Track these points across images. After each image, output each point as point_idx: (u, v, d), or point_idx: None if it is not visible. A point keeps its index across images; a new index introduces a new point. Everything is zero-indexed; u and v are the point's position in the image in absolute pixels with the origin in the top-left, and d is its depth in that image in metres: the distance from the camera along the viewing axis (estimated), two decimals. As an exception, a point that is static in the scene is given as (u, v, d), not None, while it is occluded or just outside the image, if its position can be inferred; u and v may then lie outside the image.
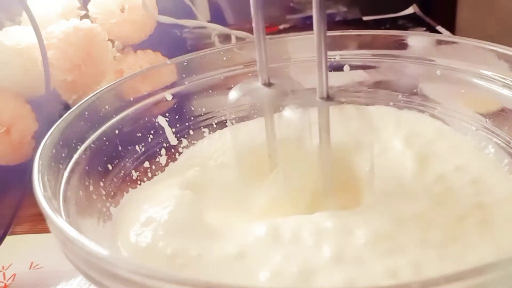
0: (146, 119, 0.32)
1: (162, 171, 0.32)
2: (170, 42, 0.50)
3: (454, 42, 0.32)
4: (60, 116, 0.27)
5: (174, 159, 0.33)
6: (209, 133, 0.35)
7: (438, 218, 0.24)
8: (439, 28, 0.69)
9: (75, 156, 0.27)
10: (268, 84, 0.26)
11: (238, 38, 0.56)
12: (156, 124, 0.33)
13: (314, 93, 0.23)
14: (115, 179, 0.29)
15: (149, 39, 0.48)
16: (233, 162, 0.29)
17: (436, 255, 0.22)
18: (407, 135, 0.32)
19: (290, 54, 0.36)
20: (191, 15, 0.55)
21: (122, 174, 0.30)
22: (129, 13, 0.45)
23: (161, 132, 0.33)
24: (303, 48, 0.35)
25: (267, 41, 0.25)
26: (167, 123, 0.33)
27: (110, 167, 0.29)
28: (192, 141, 0.34)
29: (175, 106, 0.34)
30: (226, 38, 0.59)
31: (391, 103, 0.35)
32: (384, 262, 0.21)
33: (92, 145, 0.28)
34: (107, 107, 0.30)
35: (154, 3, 0.47)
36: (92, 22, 0.44)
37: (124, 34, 0.46)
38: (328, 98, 0.23)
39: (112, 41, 0.46)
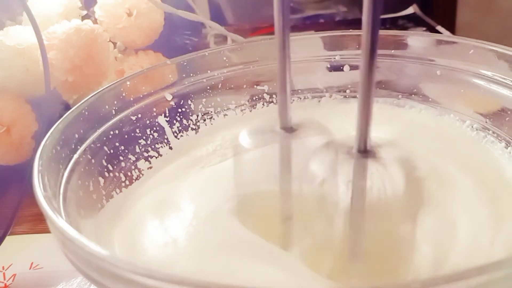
0: (146, 119, 0.32)
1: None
2: (172, 47, 0.50)
3: (454, 42, 0.32)
4: (60, 116, 0.27)
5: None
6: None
7: None
8: (439, 28, 0.69)
9: (75, 156, 0.27)
10: (289, 129, 0.21)
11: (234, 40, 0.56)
12: (156, 124, 0.33)
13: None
14: (115, 179, 0.29)
15: (152, 43, 0.48)
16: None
17: None
18: None
19: (290, 54, 0.36)
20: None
21: (122, 174, 0.30)
22: (135, 19, 0.45)
23: (161, 132, 0.33)
24: (303, 48, 0.35)
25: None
26: (167, 123, 0.33)
27: (110, 167, 0.29)
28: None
29: (175, 106, 0.34)
30: (223, 39, 0.59)
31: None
32: None
33: (92, 145, 0.28)
34: (107, 107, 0.30)
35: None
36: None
37: (129, 39, 0.46)
38: (367, 152, 0.19)
39: (114, 43, 0.46)
